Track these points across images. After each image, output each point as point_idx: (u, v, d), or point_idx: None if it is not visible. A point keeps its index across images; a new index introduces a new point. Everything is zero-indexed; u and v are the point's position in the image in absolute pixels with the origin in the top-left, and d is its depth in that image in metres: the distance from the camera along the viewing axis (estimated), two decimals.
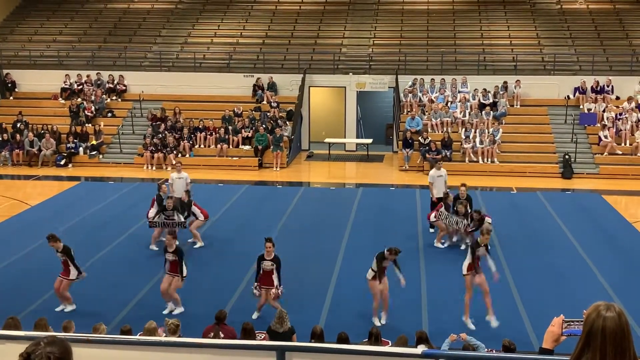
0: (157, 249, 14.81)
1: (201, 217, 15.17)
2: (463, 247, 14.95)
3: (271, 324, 9.80)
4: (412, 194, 20.11)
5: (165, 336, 8.98)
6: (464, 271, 11.36)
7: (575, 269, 13.95)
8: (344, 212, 18.25)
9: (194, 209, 15.19)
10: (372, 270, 11.34)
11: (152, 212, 15.15)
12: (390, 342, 10.10)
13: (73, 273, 11.81)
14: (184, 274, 11.78)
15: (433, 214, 15.44)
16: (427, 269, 13.94)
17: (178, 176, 16.14)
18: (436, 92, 26.06)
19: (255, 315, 11.47)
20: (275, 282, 11.46)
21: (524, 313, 11.73)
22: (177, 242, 13.08)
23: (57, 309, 11.85)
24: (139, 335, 8.87)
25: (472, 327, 11.06)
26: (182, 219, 14.61)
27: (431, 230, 16.13)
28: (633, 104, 24.55)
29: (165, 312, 11.72)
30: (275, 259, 11.46)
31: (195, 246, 15.25)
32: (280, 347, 3.17)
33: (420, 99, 25.99)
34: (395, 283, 11.42)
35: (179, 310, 11.83)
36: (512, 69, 26.83)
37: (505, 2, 30.65)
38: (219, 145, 24.62)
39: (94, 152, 24.85)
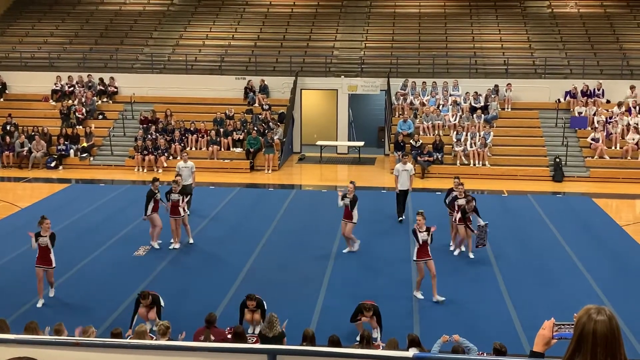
0: (157, 247, 15.15)
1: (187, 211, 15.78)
2: (457, 252, 14.95)
3: (261, 328, 9.77)
4: None
5: (155, 339, 8.95)
6: (414, 257, 12.25)
7: (566, 272, 13.98)
8: (335, 215, 18.20)
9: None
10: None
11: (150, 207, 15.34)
12: (381, 344, 10.10)
13: (54, 260, 12.13)
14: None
15: (457, 216, 14.62)
16: None
17: (184, 165, 17.37)
18: (428, 95, 26.11)
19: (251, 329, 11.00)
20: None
21: (515, 316, 11.75)
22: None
23: (39, 305, 11.99)
24: (129, 338, 8.83)
25: (421, 297, 12.27)
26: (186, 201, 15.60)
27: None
28: (623, 108, 24.68)
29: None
30: (258, 304, 10.75)
31: (189, 242, 15.50)
32: (271, 350, 3.16)
33: (412, 102, 26.03)
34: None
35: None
36: (503, 73, 26.91)
37: (496, 6, 30.74)
38: (210, 148, 24.57)
39: (84, 154, 24.75)
